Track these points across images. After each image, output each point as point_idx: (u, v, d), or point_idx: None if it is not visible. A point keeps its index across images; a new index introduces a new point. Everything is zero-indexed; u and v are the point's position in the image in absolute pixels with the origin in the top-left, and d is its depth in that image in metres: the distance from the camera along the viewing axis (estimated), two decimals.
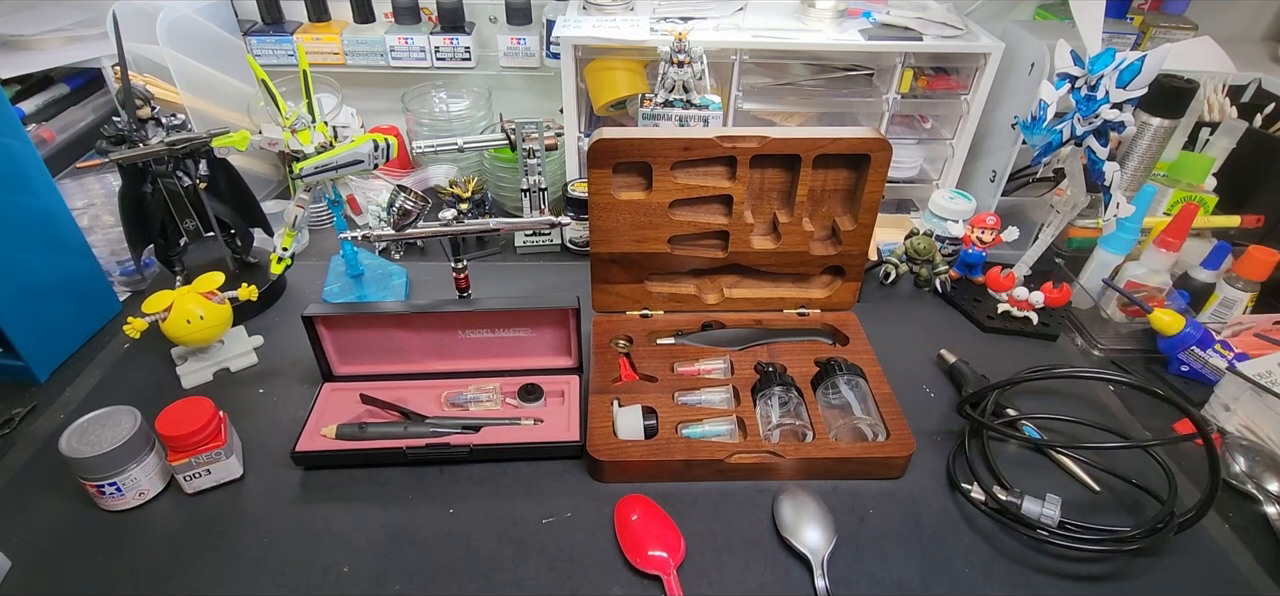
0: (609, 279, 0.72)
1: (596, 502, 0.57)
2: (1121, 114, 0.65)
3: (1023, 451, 0.63)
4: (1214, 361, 0.71)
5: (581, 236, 0.89)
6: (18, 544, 0.53)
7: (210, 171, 0.74)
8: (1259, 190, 0.90)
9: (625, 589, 0.51)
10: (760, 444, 0.59)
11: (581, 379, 0.67)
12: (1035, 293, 0.77)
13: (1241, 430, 0.66)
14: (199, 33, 0.93)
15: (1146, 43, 1.00)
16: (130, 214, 0.73)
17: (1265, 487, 0.60)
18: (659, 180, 0.65)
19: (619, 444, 0.59)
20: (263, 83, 0.66)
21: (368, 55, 1.05)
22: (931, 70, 0.92)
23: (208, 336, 0.67)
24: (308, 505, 0.57)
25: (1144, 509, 0.58)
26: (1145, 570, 0.54)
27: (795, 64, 0.93)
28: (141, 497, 0.56)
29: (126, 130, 0.68)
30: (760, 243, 0.71)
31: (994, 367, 0.71)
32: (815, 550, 0.52)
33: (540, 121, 0.76)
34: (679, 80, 0.81)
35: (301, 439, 0.60)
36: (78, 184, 0.87)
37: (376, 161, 0.69)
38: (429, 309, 0.64)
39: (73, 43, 0.95)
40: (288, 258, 0.74)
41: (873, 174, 0.65)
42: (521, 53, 1.05)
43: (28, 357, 0.67)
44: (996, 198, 0.92)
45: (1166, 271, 0.78)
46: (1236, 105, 0.93)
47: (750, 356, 0.69)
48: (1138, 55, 0.62)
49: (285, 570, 0.52)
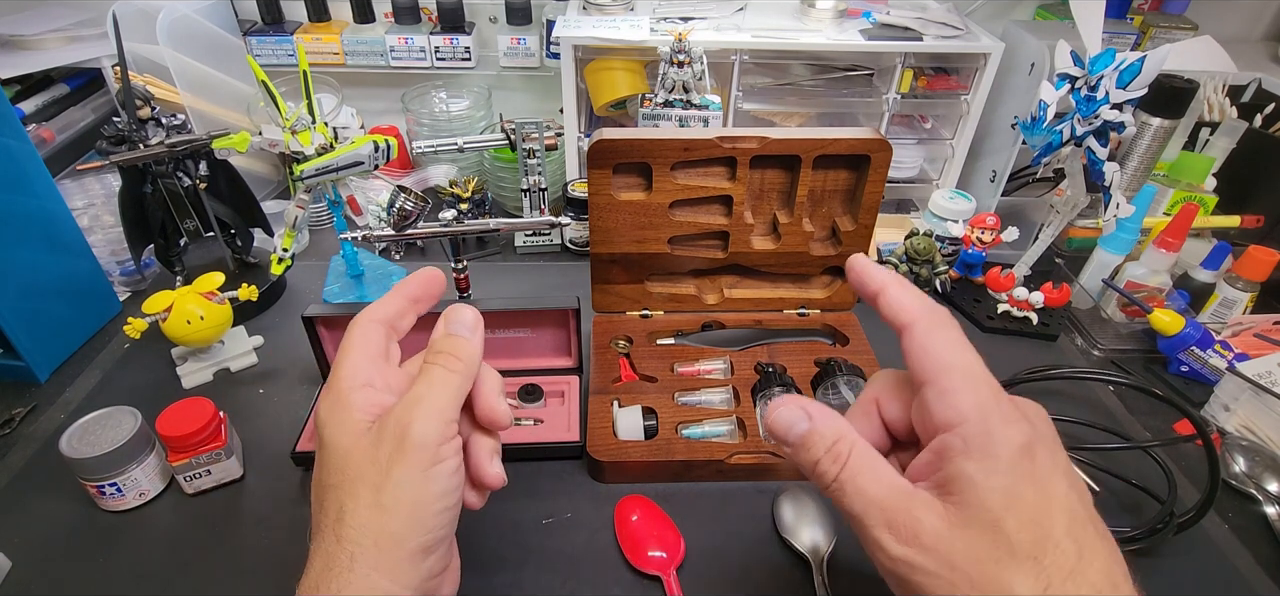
0: (609, 279, 0.72)
1: (596, 503, 0.57)
2: (1121, 114, 0.65)
3: None
4: (1214, 361, 0.71)
5: (581, 236, 0.89)
6: (18, 544, 0.53)
7: (210, 172, 0.74)
8: (1259, 190, 0.90)
9: (625, 589, 0.51)
10: (760, 444, 0.59)
11: (581, 379, 0.67)
12: (1035, 293, 0.77)
13: (1241, 430, 0.66)
14: (199, 33, 0.93)
15: (1146, 43, 1.00)
16: (130, 214, 0.73)
17: (1265, 488, 0.60)
18: (659, 181, 0.65)
19: (619, 444, 0.59)
20: (263, 83, 0.66)
21: (368, 55, 1.05)
22: (931, 70, 0.92)
23: (208, 337, 0.67)
24: (308, 506, 0.57)
25: (1143, 509, 0.58)
26: (1144, 570, 0.54)
27: (795, 64, 0.93)
28: (142, 498, 0.56)
29: (127, 131, 0.68)
30: (760, 243, 0.71)
31: (994, 368, 0.70)
32: (815, 550, 0.52)
33: (540, 121, 0.76)
34: (679, 80, 0.81)
35: (302, 439, 0.60)
36: (78, 184, 0.87)
37: (377, 162, 0.69)
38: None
39: (73, 43, 0.95)
40: (288, 258, 0.74)
41: (873, 174, 0.65)
42: (521, 53, 1.06)
43: (28, 358, 0.67)
44: (996, 198, 0.92)
45: (1166, 271, 0.78)
46: (1236, 105, 0.93)
47: (750, 357, 0.69)
48: (1138, 55, 0.62)
49: (285, 570, 0.52)
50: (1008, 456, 0.29)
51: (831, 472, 0.32)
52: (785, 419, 0.35)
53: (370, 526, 0.32)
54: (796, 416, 0.34)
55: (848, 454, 0.32)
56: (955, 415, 0.30)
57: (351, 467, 0.33)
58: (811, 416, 0.34)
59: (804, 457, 0.34)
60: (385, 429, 0.33)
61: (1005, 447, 0.29)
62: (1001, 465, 0.28)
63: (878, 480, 0.31)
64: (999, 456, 0.29)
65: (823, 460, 0.33)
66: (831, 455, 0.33)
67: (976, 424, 0.29)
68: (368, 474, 0.32)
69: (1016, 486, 0.28)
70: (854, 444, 0.33)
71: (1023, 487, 0.28)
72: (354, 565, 0.31)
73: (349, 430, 0.34)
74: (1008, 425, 0.29)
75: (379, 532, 0.32)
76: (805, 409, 0.34)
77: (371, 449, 0.33)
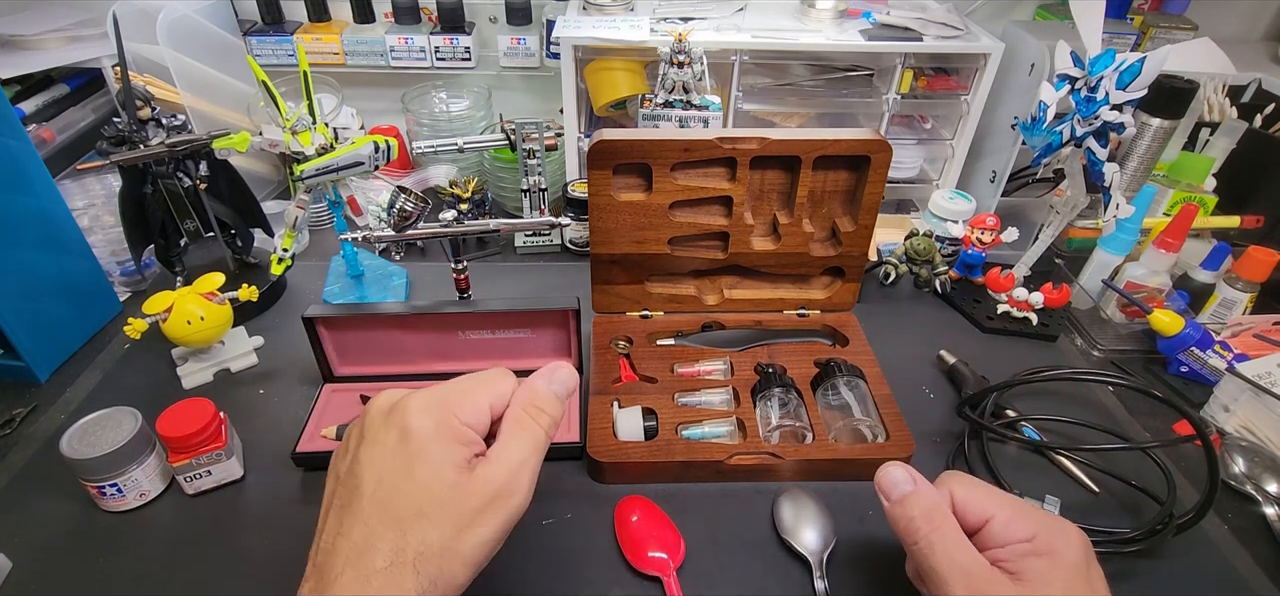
0: (609, 280, 0.72)
1: (596, 503, 0.57)
2: (1121, 115, 0.65)
3: (1022, 452, 0.64)
4: (1213, 362, 0.71)
5: (581, 237, 0.89)
6: (18, 544, 0.53)
7: (210, 172, 0.74)
8: (1259, 190, 0.90)
9: (625, 589, 0.51)
10: (760, 445, 0.59)
11: (581, 380, 0.67)
12: (1035, 293, 0.77)
13: (1240, 431, 0.66)
14: (199, 33, 0.93)
15: (1146, 43, 1.00)
16: (130, 214, 0.73)
17: (1264, 488, 0.60)
18: (659, 181, 0.66)
19: (619, 445, 0.59)
20: (263, 83, 0.66)
21: (368, 55, 1.05)
22: (931, 70, 0.92)
23: (208, 337, 0.67)
24: (308, 506, 0.57)
25: (1143, 510, 0.58)
26: (1144, 571, 0.54)
27: (795, 64, 0.93)
28: (142, 498, 0.56)
29: (127, 131, 0.68)
30: (760, 244, 0.71)
31: (994, 368, 0.71)
32: (815, 551, 0.52)
33: (540, 122, 0.76)
34: (679, 81, 0.81)
35: (302, 440, 0.60)
36: (78, 184, 0.87)
37: (377, 163, 0.69)
38: (429, 310, 0.64)
39: (73, 43, 0.95)
40: (288, 258, 0.74)
41: (873, 175, 0.65)
42: (521, 53, 1.06)
43: (28, 358, 0.67)
44: (996, 198, 0.92)
45: (1166, 272, 0.78)
46: (1236, 105, 0.93)
47: (750, 357, 0.69)
48: (1138, 56, 0.62)
49: (286, 571, 0.52)
50: (1071, 560, 0.39)
51: (924, 532, 0.41)
52: (893, 478, 0.44)
53: (439, 557, 0.34)
54: (903, 478, 0.44)
55: (941, 522, 0.41)
56: (1027, 532, 0.40)
57: (445, 496, 0.35)
58: (916, 482, 0.44)
59: (901, 512, 0.43)
60: (489, 480, 0.36)
61: (1069, 553, 0.39)
62: (1064, 565, 0.38)
63: (964, 549, 0.40)
64: (1064, 559, 0.39)
65: (918, 519, 0.41)
66: (927, 517, 0.41)
67: (1044, 538, 0.39)
68: (456, 512, 0.35)
69: (1074, 583, 0.38)
70: (947, 516, 0.41)
71: (1078, 585, 0.38)
72: (414, 571, 0.33)
73: (452, 462, 0.36)
74: (1069, 540, 0.39)
75: (444, 565, 0.34)
76: (912, 475, 0.44)
77: (466, 486, 0.35)
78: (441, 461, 0.35)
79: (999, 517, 0.41)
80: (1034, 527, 0.40)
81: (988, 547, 0.40)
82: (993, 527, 0.41)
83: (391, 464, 0.36)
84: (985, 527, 0.41)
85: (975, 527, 0.42)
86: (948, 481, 0.44)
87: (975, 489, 0.43)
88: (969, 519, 0.42)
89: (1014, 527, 0.40)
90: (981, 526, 0.41)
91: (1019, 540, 0.39)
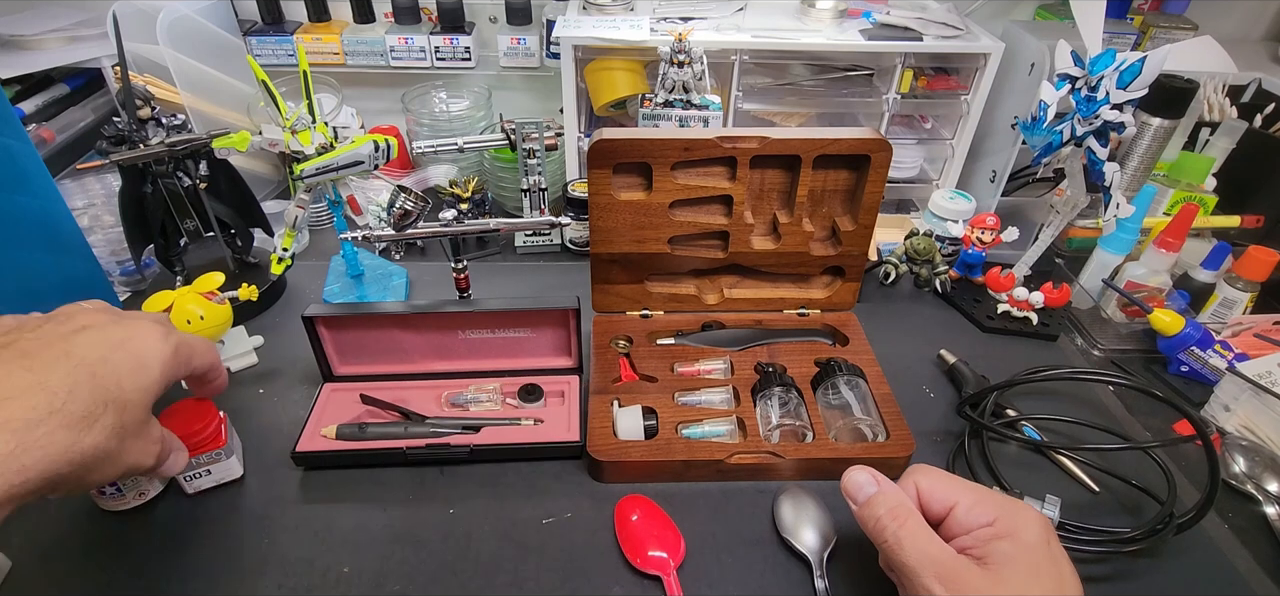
0: (609, 279, 0.72)
1: (596, 503, 0.57)
2: (1122, 114, 0.65)
3: (1022, 452, 0.63)
4: (1214, 362, 0.71)
5: (581, 236, 0.89)
6: (18, 544, 0.53)
7: (210, 172, 0.74)
8: (1259, 190, 0.90)
9: (625, 589, 0.51)
10: (760, 444, 0.59)
11: (581, 379, 0.67)
12: (1035, 293, 0.77)
13: (1241, 430, 0.66)
14: (199, 33, 0.93)
15: (1146, 43, 1.00)
16: (130, 214, 0.73)
17: (1265, 488, 0.60)
18: (659, 181, 0.66)
19: (619, 444, 0.59)
20: (263, 83, 0.66)
21: (368, 55, 1.05)
22: (931, 70, 0.92)
23: (208, 337, 0.67)
24: (308, 505, 0.57)
25: (1143, 509, 0.58)
26: (1144, 571, 0.54)
27: (795, 64, 0.93)
28: (142, 498, 0.56)
29: (127, 131, 0.68)
30: (760, 243, 0.71)
31: (994, 368, 0.71)
32: (815, 550, 0.52)
33: (540, 121, 0.76)
34: (679, 80, 0.81)
35: (302, 439, 0.60)
36: (78, 184, 0.87)
37: (377, 162, 0.69)
38: (429, 309, 0.64)
39: (73, 43, 0.95)
40: (288, 258, 0.74)
41: (873, 174, 0.65)
42: (521, 53, 1.06)
43: None
44: (996, 198, 0.92)
45: (1166, 272, 0.78)
46: (1236, 105, 0.93)
47: (750, 357, 0.69)
48: (1138, 56, 0.62)
49: (285, 570, 0.52)
50: (1030, 539, 0.41)
51: (892, 529, 0.43)
52: (857, 481, 0.47)
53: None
54: (866, 481, 0.46)
55: (907, 518, 0.43)
56: (988, 517, 0.42)
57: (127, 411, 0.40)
58: (879, 483, 0.46)
59: (868, 513, 0.45)
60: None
61: (1028, 533, 0.41)
62: (1025, 544, 0.40)
63: (932, 541, 0.42)
64: (1024, 538, 0.41)
65: (883, 517, 0.44)
66: (892, 515, 0.43)
67: (1005, 521, 0.41)
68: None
69: (1038, 561, 0.40)
70: (912, 511, 0.44)
71: (1042, 562, 0.40)
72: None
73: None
74: (1028, 521, 0.42)
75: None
76: (874, 476, 0.46)
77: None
78: (143, 393, 0.41)
79: (962, 504, 0.43)
80: (995, 511, 0.42)
81: (953, 535, 0.43)
82: (956, 514, 0.43)
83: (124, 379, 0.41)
84: (949, 515, 0.44)
85: (940, 516, 0.44)
86: (913, 475, 0.46)
87: (938, 479, 0.45)
88: (934, 507, 0.45)
89: (976, 513, 0.42)
90: (946, 514, 0.44)
91: (981, 525, 0.42)
